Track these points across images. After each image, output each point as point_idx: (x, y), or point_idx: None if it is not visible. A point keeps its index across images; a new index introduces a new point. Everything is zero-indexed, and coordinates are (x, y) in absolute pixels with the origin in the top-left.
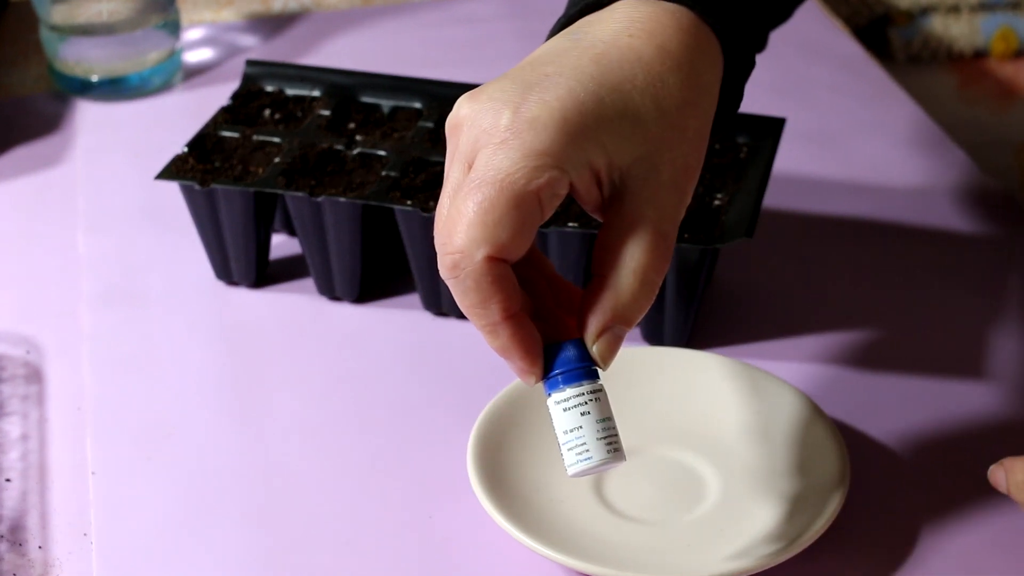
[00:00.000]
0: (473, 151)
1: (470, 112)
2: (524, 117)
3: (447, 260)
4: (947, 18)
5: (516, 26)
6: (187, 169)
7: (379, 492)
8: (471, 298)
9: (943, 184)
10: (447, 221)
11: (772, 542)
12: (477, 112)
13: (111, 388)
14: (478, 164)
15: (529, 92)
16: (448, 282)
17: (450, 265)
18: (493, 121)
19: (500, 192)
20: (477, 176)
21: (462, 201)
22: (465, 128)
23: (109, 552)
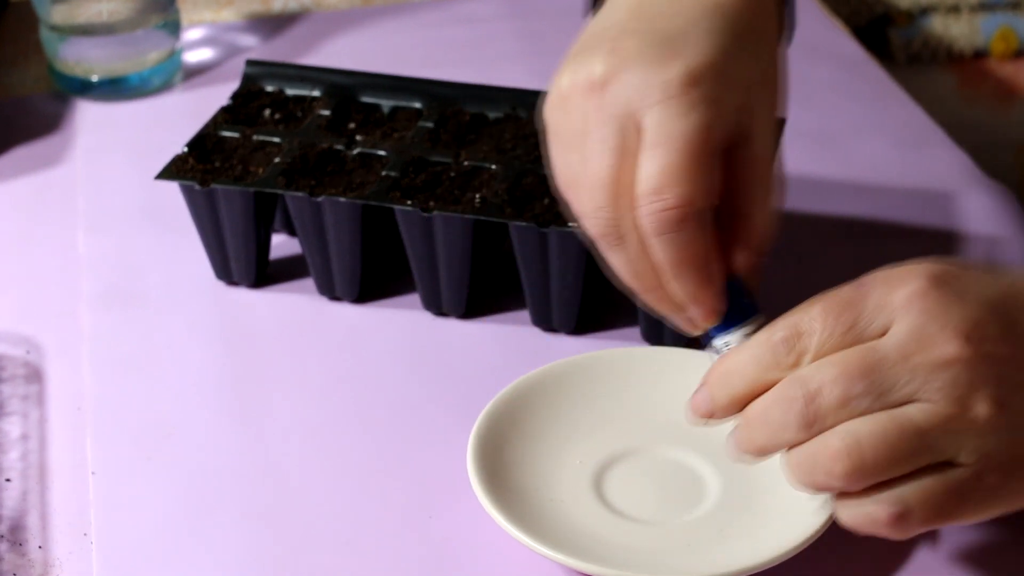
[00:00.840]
0: (640, 108)
1: (618, 71)
2: (692, 69)
3: (667, 216)
4: (947, 18)
5: (516, 26)
6: (187, 169)
7: (379, 492)
8: (695, 248)
9: (943, 184)
10: (652, 178)
11: (772, 542)
12: (631, 71)
13: (111, 388)
14: (657, 122)
15: (677, 45)
16: (662, 238)
17: (674, 219)
18: (657, 78)
19: (697, 145)
20: (666, 133)
21: (661, 157)
22: (617, 87)
23: (109, 552)
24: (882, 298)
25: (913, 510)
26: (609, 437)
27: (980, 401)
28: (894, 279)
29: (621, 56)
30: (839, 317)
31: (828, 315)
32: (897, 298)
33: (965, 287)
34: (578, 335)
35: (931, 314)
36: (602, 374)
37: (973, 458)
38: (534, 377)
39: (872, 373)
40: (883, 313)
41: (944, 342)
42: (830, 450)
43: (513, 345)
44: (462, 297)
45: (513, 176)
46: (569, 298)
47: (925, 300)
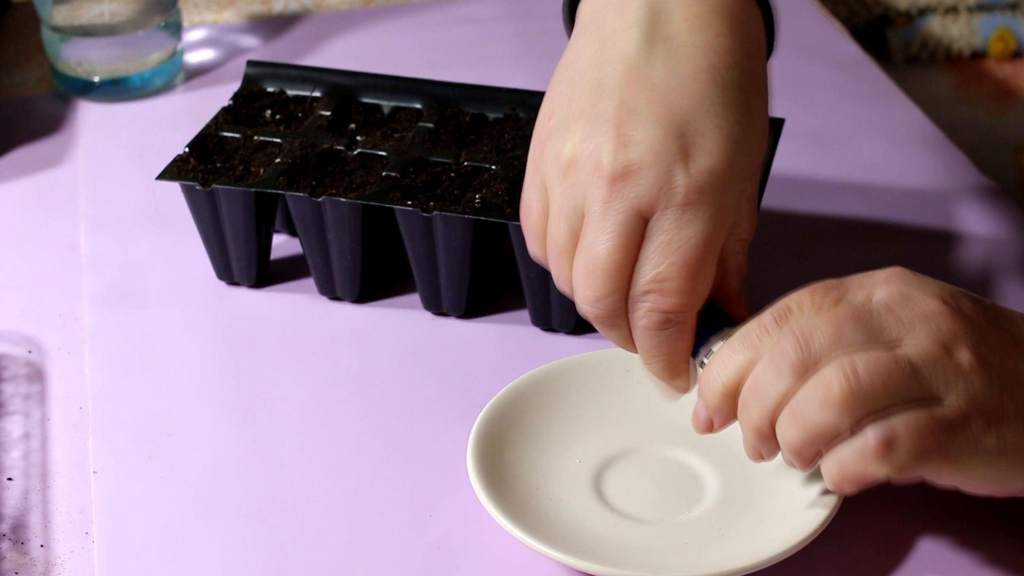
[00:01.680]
0: (651, 208)
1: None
2: (702, 177)
3: (656, 317)
4: (945, 19)
5: (517, 27)
6: (188, 169)
7: (379, 491)
8: (670, 346)
9: (941, 184)
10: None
11: (771, 541)
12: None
13: (113, 387)
14: (670, 227)
15: (686, 140)
16: (646, 332)
17: (661, 321)
18: (668, 181)
19: (703, 252)
20: (674, 239)
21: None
22: (632, 183)
23: (111, 551)
24: (864, 279)
25: (900, 437)
26: (608, 436)
27: (962, 349)
28: (871, 274)
29: (633, 149)
30: (826, 293)
31: (815, 292)
32: (877, 278)
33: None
34: (578, 335)
35: (910, 283)
36: (602, 374)
37: (961, 399)
38: (534, 377)
39: (862, 320)
40: (865, 288)
41: (924, 300)
42: (825, 378)
43: (513, 345)
44: (462, 297)
45: (513, 176)
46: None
47: (903, 276)
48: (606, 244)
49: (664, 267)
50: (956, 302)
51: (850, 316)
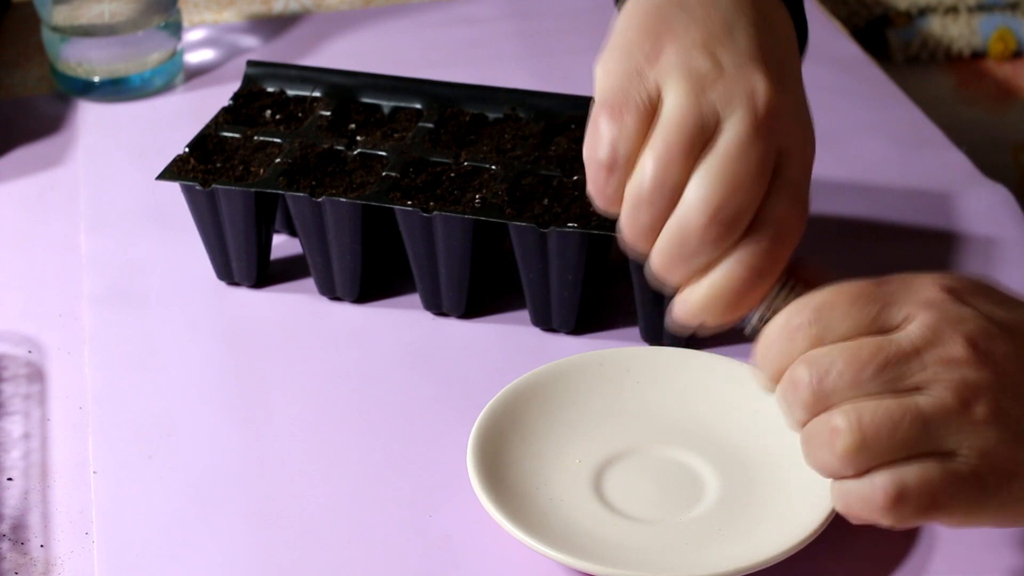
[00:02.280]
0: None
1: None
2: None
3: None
4: (945, 19)
5: (516, 27)
6: (188, 169)
7: (379, 491)
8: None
9: (941, 184)
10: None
11: (771, 541)
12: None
13: (113, 387)
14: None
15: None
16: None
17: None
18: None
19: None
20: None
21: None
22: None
23: (110, 551)
24: (903, 295)
25: (910, 491)
26: (608, 436)
27: (981, 403)
28: (915, 284)
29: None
30: (863, 308)
31: (855, 300)
32: (918, 298)
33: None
34: (578, 335)
35: (947, 318)
36: (602, 374)
37: (974, 455)
38: (534, 377)
39: (883, 361)
40: (902, 309)
41: (956, 343)
42: (831, 425)
43: (513, 345)
44: (462, 297)
45: (513, 176)
46: (569, 298)
47: (943, 305)
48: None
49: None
50: (988, 346)
51: (870, 356)
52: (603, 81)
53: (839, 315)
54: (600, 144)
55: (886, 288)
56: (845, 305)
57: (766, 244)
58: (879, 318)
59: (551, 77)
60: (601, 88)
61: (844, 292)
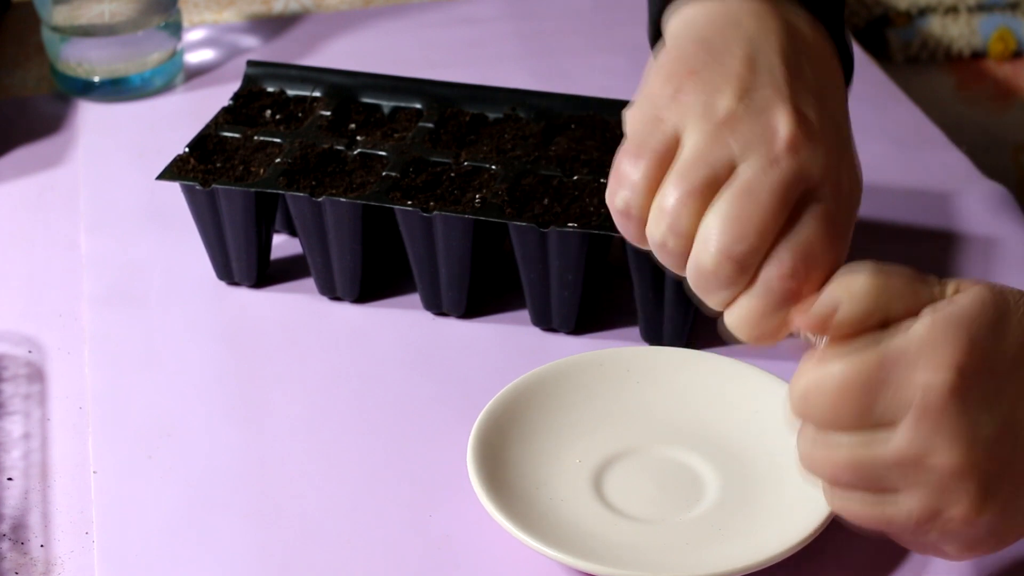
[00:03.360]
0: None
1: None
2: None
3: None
4: (945, 19)
5: (516, 27)
6: (188, 169)
7: (379, 491)
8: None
9: (941, 184)
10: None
11: (771, 541)
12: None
13: (113, 387)
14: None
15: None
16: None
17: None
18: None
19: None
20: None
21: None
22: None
23: (111, 551)
24: (902, 383)
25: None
26: (608, 436)
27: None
28: (924, 355)
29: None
30: (853, 403)
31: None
32: (917, 388)
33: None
34: (578, 335)
35: (939, 429)
36: (602, 374)
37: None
38: (534, 377)
39: (860, 471)
40: (896, 403)
41: (944, 456)
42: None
43: (513, 345)
44: (462, 297)
45: (513, 176)
46: (569, 298)
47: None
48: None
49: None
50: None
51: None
52: (628, 129)
53: (825, 405)
54: (616, 191)
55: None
56: (832, 394)
57: (786, 275)
58: (866, 414)
59: (551, 77)
60: (627, 136)
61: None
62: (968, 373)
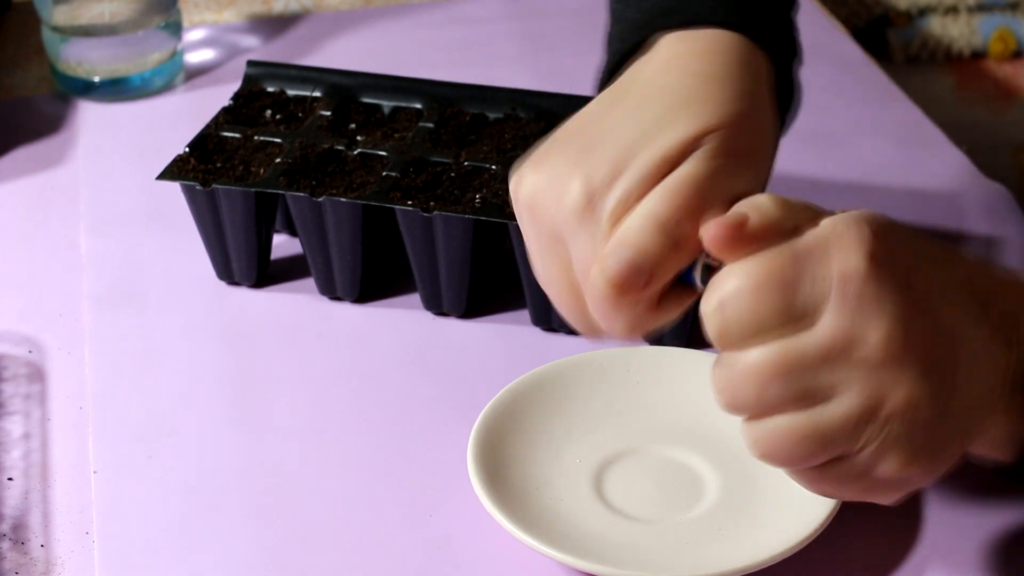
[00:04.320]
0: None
1: (535, 189)
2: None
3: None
4: (945, 19)
5: (516, 27)
6: (188, 169)
7: (380, 491)
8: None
9: (942, 184)
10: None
11: (771, 541)
12: (545, 191)
13: (113, 387)
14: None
15: (583, 157)
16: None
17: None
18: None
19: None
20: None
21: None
22: (539, 209)
23: (111, 550)
24: (816, 274)
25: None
26: (608, 436)
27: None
28: (833, 245)
29: (541, 172)
30: (768, 298)
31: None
32: (833, 275)
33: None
34: (578, 335)
35: (864, 308)
36: (602, 374)
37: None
38: (534, 377)
39: (785, 373)
40: (814, 294)
41: (869, 344)
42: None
43: (513, 345)
44: (462, 297)
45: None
46: None
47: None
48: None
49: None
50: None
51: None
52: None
53: (743, 308)
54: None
55: (799, 263)
56: (748, 294)
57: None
58: (787, 310)
59: (551, 77)
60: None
61: (750, 275)
62: (878, 258)
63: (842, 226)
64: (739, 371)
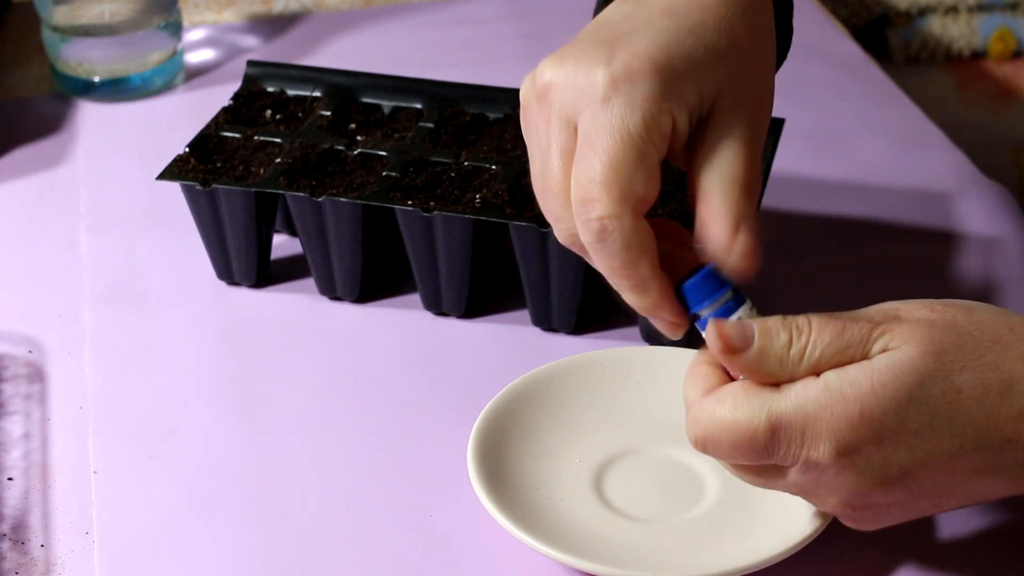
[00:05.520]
0: (575, 112)
1: (558, 76)
2: (619, 71)
3: (593, 226)
4: (945, 19)
5: (516, 27)
6: (188, 169)
7: (380, 491)
8: (621, 259)
9: (941, 184)
10: (580, 187)
11: (771, 541)
12: (568, 75)
13: (113, 387)
14: (588, 125)
15: (614, 48)
16: (592, 247)
17: (598, 231)
18: (588, 80)
19: (624, 147)
20: (593, 136)
21: (588, 165)
22: (556, 91)
23: (111, 550)
24: (789, 453)
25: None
26: (608, 436)
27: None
28: (807, 437)
29: (562, 61)
30: (746, 457)
31: (735, 451)
32: (801, 458)
33: (869, 464)
34: (578, 335)
35: (821, 485)
36: (602, 374)
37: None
38: (534, 377)
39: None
40: (785, 459)
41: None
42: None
43: (513, 345)
44: (462, 297)
45: (513, 176)
46: (569, 298)
47: (822, 474)
48: (549, 159)
49: (587, 171)
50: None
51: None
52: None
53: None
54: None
55: (775, 439)
56: (725, 448)
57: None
58: (757, 463)
59: None
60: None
61: (730, 439)
62: (845, 452)
63: (824, 407)
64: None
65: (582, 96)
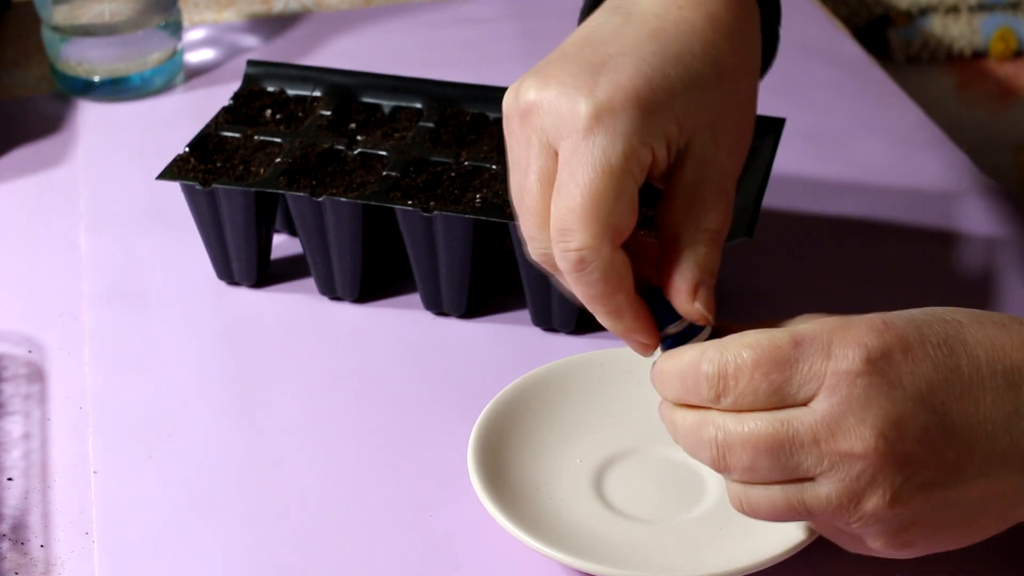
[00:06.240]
0: (556, 137)
1: (542, 98)
2: (603, 103)
3: (571, 256)
4: (946, 18)
5: (516, 26)
6: (188, 169)
7: (380, 491)
8: (598, 288)
9: (942, 184)
10: (559, 216)
11: (771, 541)
12: (551, 98)
13: (113, 387)
14: (569, 154)
15: (598, 75)
16: (571, 276)
17: (576, 260)
18: (571, 109)
19: (604, 180)
20: (574, 166)
21: (568, 195)
22: (539, 114)
23: (111, 551)
24: (814, 367)
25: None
26: (609, 436)
27: (874, 496)
28: (835, 347)
29: (546, 82)
30: (767, 375)
31: (757, 370)
32: (829, 371)
33: (899, 375)
34: (578, 335)
35: (853, 403)
36: (602, 374)
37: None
38: (534, 377)
39: (780, 451)
40: (810, 384)
41: (857, 437)
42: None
43: (513, 345)
44: (462, 297)
45: None
46: (569, 298)
47: (853, 386)
48: (527, 179)
49: (567, 201)
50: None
51: (768, 446)
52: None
53: (743, 382)
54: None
55: (800, 352)
56: (749, 371)
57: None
58: (782, 390)
59: None
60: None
61: (752, 354)
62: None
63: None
64: (735, 438)
65: (564, 124)
